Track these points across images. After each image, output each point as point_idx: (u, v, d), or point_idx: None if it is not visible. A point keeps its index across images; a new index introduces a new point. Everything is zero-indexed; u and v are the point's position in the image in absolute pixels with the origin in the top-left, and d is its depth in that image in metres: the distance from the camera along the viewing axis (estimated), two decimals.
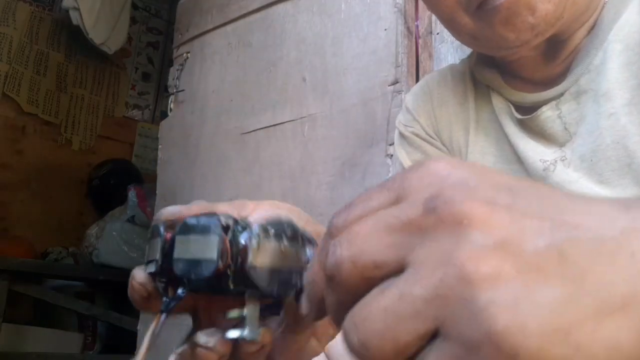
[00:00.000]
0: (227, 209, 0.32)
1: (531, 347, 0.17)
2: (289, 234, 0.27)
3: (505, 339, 0.17)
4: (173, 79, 1.75)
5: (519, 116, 0.58)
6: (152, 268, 0.27)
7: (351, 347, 0.20)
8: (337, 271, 0.21)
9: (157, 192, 1.74)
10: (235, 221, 0.27)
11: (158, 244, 0.27)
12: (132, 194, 2.62)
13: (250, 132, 1.46)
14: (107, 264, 2.45)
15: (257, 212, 0.33)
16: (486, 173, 0.21)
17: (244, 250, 0.26)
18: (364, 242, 0.21)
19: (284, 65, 1.42)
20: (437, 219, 0.19)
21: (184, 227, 0.26)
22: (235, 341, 0.26)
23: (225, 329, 0.27)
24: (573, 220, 0.19)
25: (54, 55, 3.10)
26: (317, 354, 0.33)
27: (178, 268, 0.26)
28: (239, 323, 0.26)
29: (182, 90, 1.71)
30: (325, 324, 0.31)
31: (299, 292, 0.27)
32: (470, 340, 0.18)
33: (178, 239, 0.26)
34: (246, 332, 0.26)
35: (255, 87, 1.48)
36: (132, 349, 1.60)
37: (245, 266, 0.25)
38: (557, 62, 0.55)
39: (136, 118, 3.46)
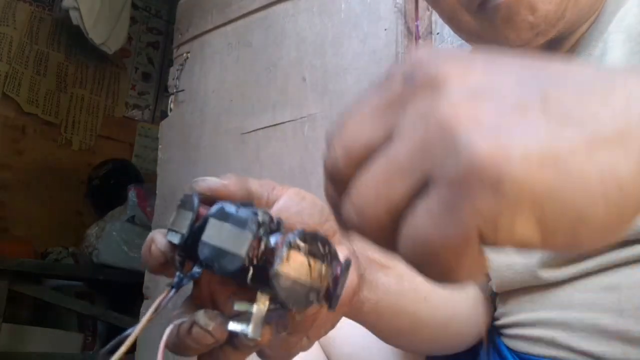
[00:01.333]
0: (259, 188, 0.33)
1: (516, 171, 0.17)
2: (320, 251, 0.26)
3: (488, 166, 0.17)
4: (173, 79, 1.74)
5: None
6: (175, 238, 0.27)
7: (351, 225, 0.21)
8: (334, 165, 0.21)
9: (157, 192, 1.74)
10: (271, 219, 0.26)
11: (188, 218, 0.26)
12: (132, 194, 2.62)
13: (250, 132, 1.46)
14: (107, 264, 2.45)
15: (284, 200, 0.33)
16: (462, 51, 0.22)
17: (272, 252, 0.25)
18: (352, 128, 0.21)
19: (284, 65, 1.42)
20: (414, 86, 0.20)
21: (221, 213, 0.26)
22: (235, 333, 0.26)
23: (227, 315, 0.27)
24: (559, 69, 0.19)
25: (54, 55, 3.10)
26: (305, 349, 0.33)
27: (203, 251, 0.25)
28: (241, 315, 0.26)
29: (182, 90, 1.71)
30: (318, 326, 0.32)
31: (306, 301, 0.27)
32: (455, 178, 0.17)
33: (211, 222, 0.26)
34: (249, 329, 0.25)
35: (255, 87, 1.47)
36: (132, 348, 1.60)
37: (270, 271, 0.25)
38: (557, 55, 0.55)
39: (136, 118, 3.46)
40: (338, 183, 0.22)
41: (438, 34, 1.16)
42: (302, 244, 0.26)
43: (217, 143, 1.55)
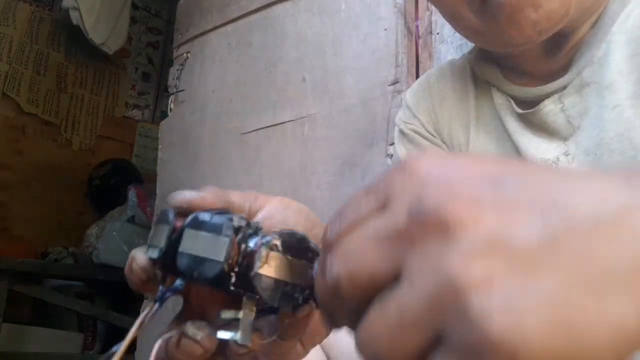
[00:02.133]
0: (239, 199, 0.32)
1: (532, 347, 0.17)
2: (299, 248, 0.26)
3: (503, 343, 0.17)
4: (173, 79, 1.75)
5: (519, 110, 0.57)
6: (154, 254, 0.27)
7: (362, 356, 0.21)
8: (336, 288, 0.21)
9: (157, 192, 1.74)
10: (248, 224, 0.26)
11: (165, 231, 0.27)
12: (132, 194, 2.62)
13: (250, 132, 1.46)
14: (107, 264, 2.45)
15: (268, 209, 0.33)
16: (469, 165, 0.21)
17: (251, 255, 0.25)
18: (357, 257, 0.21)
19: (284, 65, 1.42)
20: (422, 227, 0.19)
21: (195, 222, 0.26)
22: (225, 341, 0.26)
23: (216, 324, 0.27)
24: (567, 202, 0.19)
25: (54, 55, 3.10)
26: (300, 357, 0.33)
27: (182, 262, 0.26)
28: (230, 323, 0.26)
29: (182, 90, 1.71)
30: (312, 331, 0.32)
31: (296, 305, 0.27)
32: (470, 348, 0.17)
33: (187, 232, 0.26)
34: (238, 336, 0.25)
35: (255, 87, 1.48)
36: (132, 349, 1.60)
37: (250, 273, 0.25)
38: (560, 56, 0.55)
39: (136, 118, 3.46)
40: (339, 300, 0.22)
41: (438, 33, 1.16)
42: (279, 244, 0.26)
43: (217, 143, 1.55)
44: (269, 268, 0.25)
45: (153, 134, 3.10)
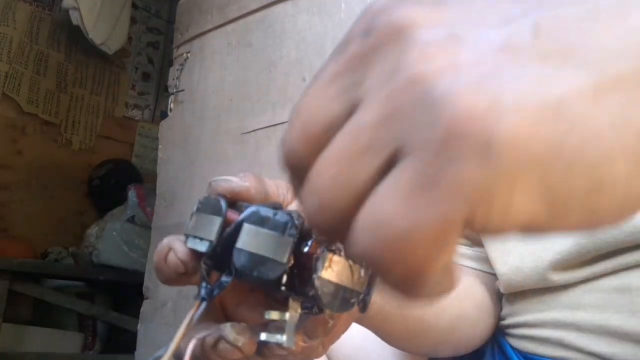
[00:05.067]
0: (275, 190, 0.30)
1: (509, 127, 0.13)
2: None
3: (473, 124, 0.13)
4: (173, 79, 1.74)
5: None
6: (201, 246, 0.25)
7: (309, 215, 0.17)
8: (291, 149, 0.17)
9: (157, 192, 1.74)
10: (303, 222, 0.24)
11: (216, 223, 0.25)
12: (132, 194, 2.62)
13: (250, 132, 1.46)
14: (107, 264, 2.45)
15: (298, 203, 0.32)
16: None
17: (309, 257, 0.24)
18: (309, 107, 0.17)
19: (284, 65, 1.42)
20: (375, 40, 0.16)
21: (257, 217, 0.24)
22: (266, 343, 0.25)
23: (256, 326, 0.26)
24: None
25: (54, 55, 3.10)
26: (319, 357, 0.32)
27: (239, 259, 0.24)
28: (270, 324, 0.25)
29: (182, 90, 1.71)
30: (335, 331, 0.30)
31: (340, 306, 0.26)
32: (432, 141, 0.13)
33: (246, 227, 0.24)
34: (284, 339, 0.24)
35: (255, 87, 1.47)
36: (132, 349, 1.60)
37: (313, 277, 0.23)
38: None
39: (136, 118, 3.46)
40: (298, 171, 0.17)
41: None
42: (342, 247, 0.24)
43: (217, 143, 1.55)
44: (331, 272, 0.23)
45: (153, 134, 3.10)
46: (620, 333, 0.43)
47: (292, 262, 0.24)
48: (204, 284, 0.25)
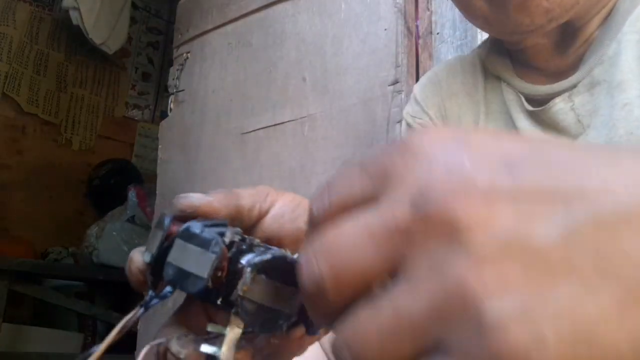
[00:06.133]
0: (249, 201, 0.31)
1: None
2: (289, 272, 0.25)
3: (518, 354, 0.15)
4: (173, 79, 1.75)
5: (530, 108, 0.57)
6: (147, 258, 0.27)
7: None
8: (318, 289, 0.18)
9: (157, 192, 1.74)
10: (243, 239, 0.25)
11: (159, 237, 0.26)
12: (132, 194, 2.62)
13: (250, 132, 1.46)
14: (107, 264, 2.45)
15: (279, 207, 0.32)
16: (482, 144, 0.18)
17: (239, 274, 0.25)
18: (346, 252, 0.18)
19: (284, 65, 1.42)
20: (428, 224, 0.17)
21: (186, 233, 0.25)
22: (207, 355, 0.25)
23: (202, 337, 0.26)
24: (593, 188, 0.16)
25: (54, 55, 3.10)
26: None
27: (167, 273, 0.25)
28: (218, 338, 0.26)
29: (182, 90, 1.71)
30: (288, 353, 0.30)
31: (287, 328, 0.26)
32: (478, 358, 0.15)
33: (177, 242, 0.25)
34: (221, 352, 0.25)
35: (255, 87, 1.48)
36: (132, 349, 1.60)
37: (233, 295, 0.24)
38: (570, 52, 0.55)
39: (136, 118, 3.46)
40: (320, 302, 0.19)
41: (438, 33, 1.16)
42: (269, 267, 0.25)
43: (217, 143, 1.55)
44: (252, 292, 0.24)
45: (153, 134, 3.10)
46: None
47: (224, 278, 0.25)
48: (149, 292, 0.27)
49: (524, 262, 0.16)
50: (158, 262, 0.26)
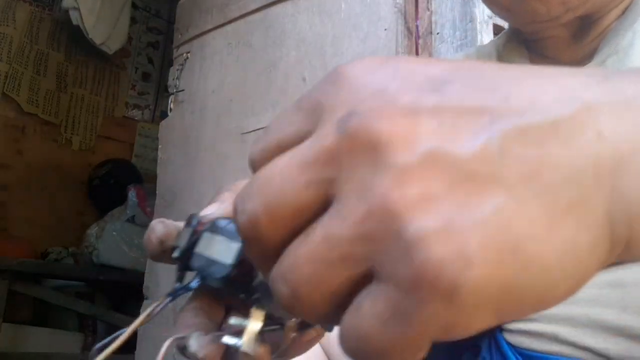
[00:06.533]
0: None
1: (472, 276, 0.14)
2: None
3: (442, 272, 0.14)
4: (173, 79, 1.75)
5: None
6: (176, 253, 0.28)
7: (281, 299, 0.18)
8: (253, 228, 0.18)
9: (157, 192, 1.74)
10: None
11: (187, 233, 0.28)
12: (132, 194, 2.62)
13: (250, 132, 1.46)
14: (107, 264, 2.45)
15: None
16: (410, 66, 0.18)
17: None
18: (277, 188, 0.18)
19: (284, 65, 1.42)
20: (351, 144, 0.16)
21: (214, 227, 0.27)
22: (230, 347, 0.26)
23: (223, 329, 0.27)
24: (520, 103, 0.16)
25: (54, 55, 3.10)
26: None
27: (195, 262, 0.27)
28: (239, 331, 0.26)
29: (182, 90, 1.71)
30: (298, 347, 0.30)
31: (302, 323, 0.27)
32: (405, 280, 0.15)
33: (204, 235, 0.27)
34: (242, 343, 0.25)
35: (255, 87, 1.48)
36: (132, 349, 1.60)
37: (255, 280, 0.26)
38: (585, 43, 0.55)
39: (136, 118, 3.46)
40: (259, 245, 0.19)
41: (438, 33, 1.16)
42: None
43: (217, 143, 1.55)
44: None
45: (153, 134, 3.10)
46: (613, 328, 0.44)
47: (247, 269, 0.26)
48: (175, 284, 0.29)
49: (447, 176, 0.15)
50: (185, 256, 0.27)
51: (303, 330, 0.28)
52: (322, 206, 0.17)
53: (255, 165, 0.20)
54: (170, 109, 1.75)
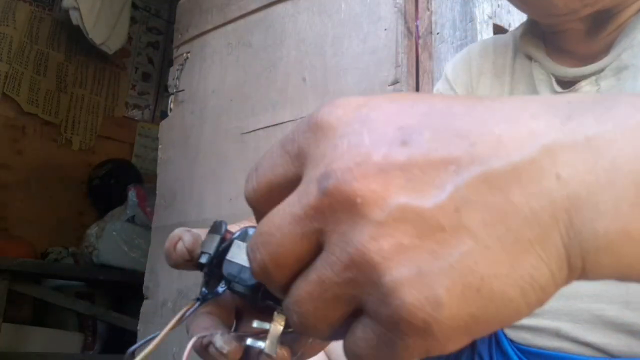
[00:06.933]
0: None
1: (443, 316, 0.17)
2: None
3: (416, 315, 0.17)
4: (173, 79, 1.75)
5: (558, 89, 0.57)
6: (204, 259, 0.30)
7: (293, 325, 0.21)
8: (264, 274, 0.21)
9: (157, 192, 1.74)
10: None
11: (216, 240, 0.29)
12: (132, 194, 2.62)
13: (250, 132, 1.46)
14: (107, 264, 2.45)
15: None
16: (385, 118, 0.19)
17: None
18: (278, 242, 0.20)
19: (284, 65, 1.42)
20: (331, 202, 0.19)
21: (244, 234, 0.29)
22: (251, 349, 0.28)
23: (246, 335, 0.29)
24: (485, 149, 0.17)
25: (54, 55, 3.10)
26: None
27: (227, 268, 0.28)
28: (262, 334, 0.28)
29: (182, 90, 1.71)
30: (313, 349, 0.32)
31: None
32: (386, 320, 0.18)
33: (236, 243, 0.29)
34: (265, 345, 0.27)
35: (255, 87, 1.47)
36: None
37: None
38: (601, 37, 0.55)
39: (136, 118, 3.46)
40: (271, 285, 0.22)
41: (438, 33, 1.16)
42: None
43: (217, 143, 1.55)
44: None
45: (153, 134, 3.10)
46: (614, 323, 0.44)
47: None
48: (203, 289, 0.30)
49: (417, 228, 0.17)
50: (213, 262, 0.29)
51: None
52: (316, 250, 0.20)
53: (252, 204, 0.23)
54: (170, 109, 1.75)
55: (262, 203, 0.22)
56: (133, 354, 0.26)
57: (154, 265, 1.65)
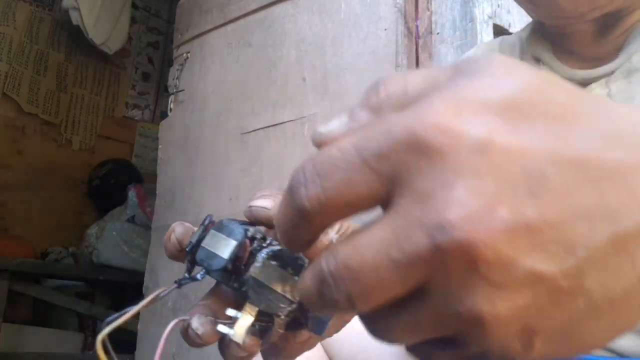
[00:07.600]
0: None
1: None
2: (298, 268, 0.29)
3: None
4: (173, 79, 1.75)
5: None
6: (188, 247, 0.32)
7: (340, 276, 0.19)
8: (350, 307, 0.18)
9: (157, 192, 1.74)
10: (264, 238, 0.30)
11: (200, 230, 0.32)
12: (132, 194, 2.62)
13: (250, 132, 1.46)
14: (107, 264, 2.45)
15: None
16: (509, 150, 0.16)
17: (253, 260, 0.30)
18: (372, 284, 0.17)
19: (284, 65, 1.42)
20: (445, 259, 0.16)
21: (219, 225, 0.31)
22: (223, 335, 0.30)
23: (221, 320, 0.30)
24: (616, 199, 0.16)
25: (54, 55, 3.10)
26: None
27: (199, 254, 0.31)
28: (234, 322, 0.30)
29: (182, 90, 1.71)
30: (295, 349, 0.32)
31: (290, 323, 0.30)
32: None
33: (211, 232, 0.31)
34: (233, 332, 0.29)
35: (255, 87, 1.48)
36: (132, 349, 1.60)
37: (246, 274, 0.29)
38: (610, 39, 0.54)
39: (136, 118, 3.46)
40: (352, 310, 0.19)
41: (438, 33, 1.16)
42: (280, 256, 0.29)
43: (217, 143, 1.55)
44: (263, 274, 0.29)
45: (153, 134, 3.10)
46: None
47: (244, 265, 0.29)
48: (184, 274, 0.32)
49: (535, 289, 0.16)
50: (194, 250, 0.31)
51: (294, 330, 0.31)
52: (412, 292, 0.18)
53: (311, 217, 0.19)
54: (170, 109, 1.75)
55: (324, 218, 0.19)
56: (109, 324, 0.29)
57: (154, 265, 1.65)
